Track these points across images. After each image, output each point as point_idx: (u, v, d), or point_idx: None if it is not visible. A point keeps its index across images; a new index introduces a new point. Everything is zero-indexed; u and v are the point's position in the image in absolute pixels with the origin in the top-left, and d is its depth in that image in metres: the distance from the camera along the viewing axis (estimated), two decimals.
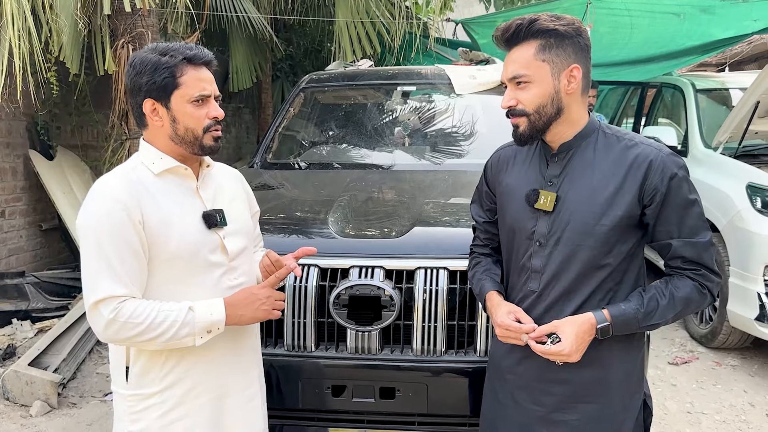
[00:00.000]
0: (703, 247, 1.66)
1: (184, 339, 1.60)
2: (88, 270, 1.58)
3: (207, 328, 1.63)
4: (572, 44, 1.62)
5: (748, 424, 3.67)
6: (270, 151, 3.86)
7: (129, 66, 1.68)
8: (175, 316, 1.59)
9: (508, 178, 1.82)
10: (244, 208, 1.90)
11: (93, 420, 3.63)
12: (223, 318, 1.64)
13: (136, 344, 1.61)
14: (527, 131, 1.67)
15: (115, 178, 1.66)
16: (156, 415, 1.69)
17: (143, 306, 1.57)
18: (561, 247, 1.68)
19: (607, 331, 1.63)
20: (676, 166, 1.63)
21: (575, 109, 1.67)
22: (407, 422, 2.32)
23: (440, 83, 4.04)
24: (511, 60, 1.66)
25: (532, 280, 1.74)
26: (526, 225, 1.73)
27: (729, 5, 5.71)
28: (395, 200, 2.98)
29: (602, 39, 6.27)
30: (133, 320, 1.55)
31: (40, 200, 5.66)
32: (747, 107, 4.58)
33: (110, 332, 1.57)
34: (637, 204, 1.63)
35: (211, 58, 1.71)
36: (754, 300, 4.07)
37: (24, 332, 4.67)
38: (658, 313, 1.64)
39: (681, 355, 4.60)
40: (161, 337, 1.58)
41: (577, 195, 1.66)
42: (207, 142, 1.69)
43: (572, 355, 1.62)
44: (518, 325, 1.67)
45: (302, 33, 8.71)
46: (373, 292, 2.26)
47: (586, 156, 1.69)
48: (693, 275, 1.67)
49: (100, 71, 4.77)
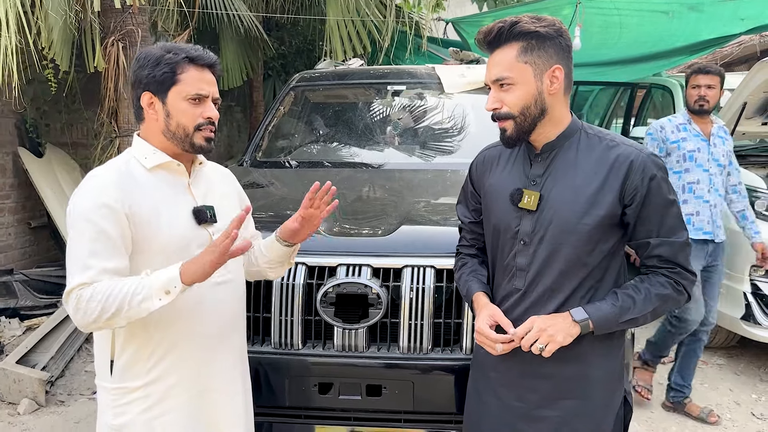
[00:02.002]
0: (679, 247, 1.69)
1: (143, 304, 1.53)
2: (68, 259, 1.60)
3: (164, 287, 1.53)
4: (554, 45, 1.65)
5: (733, 422, 3.71)
6: (260, 149, 3.86)
7: (135, 60, 1.73)
8: (130, 285, 1.53)
9: (492, 178, 1.84)
10: (235, 206, 1.91)
11: (81, 418, 3.62)
12: (177, 273, 1.54)
13: (108, 324, 1.56)
14: (515, 134, 1.69)
15: (106, 170, 1.68)
16: (139, 410, 1.69)
17: (102, 285, 1.54)
18: (544, 246, 1.70)
19: (587, 325, 1.65)
20: (656, 167, 1.66)
21: (558, 109, 1.70)
22: (394, 419, 2.33)
23: (430, 82, 4.05)
24: (494, 62, 1.68)
25: (517, 278, 1.76)
26: (510, 224, 1.75)
27: (717, 3, 5.75)
28: (384, 199, 2.99)
29: (592, 38, 6.30)
30: (93, 300, 1.52)
31: (29, 198, 5.64)
32: (734, 108, 4.62)
33: (79, 318, 1.55)
34: (618, 203, 1.66)
35: (215, 61, 1.74)
36: (741, 300, 4.11)
37: (12, 330, 4.65)
38: (635, 309, 1.67)
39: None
40: (123, 309, 1.52)
41: (560, 194, 1.69)
42: (197, 141, 1.71)
43: (547, 330, 1.63)
44: (495, 336, 1.70)
45: (294, 32, 8.70)
46: (360, 290, 2.26)
47: (568, 156, 1.71)
48: (669, 273, 1.70)
49: (91, 69, 4.75)
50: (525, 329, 1.66)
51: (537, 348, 1.64)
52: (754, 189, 4.26)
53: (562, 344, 1.64)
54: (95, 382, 1.78)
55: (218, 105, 1.76)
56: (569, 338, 1.65)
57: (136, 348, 1.68)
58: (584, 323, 1.65)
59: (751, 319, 4.06)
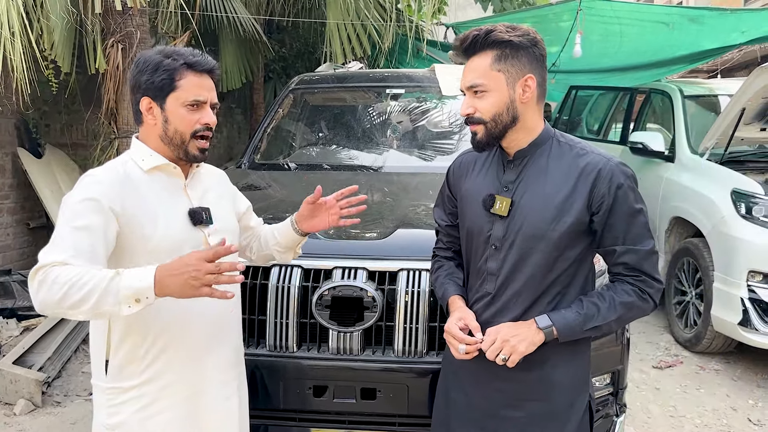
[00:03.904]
0: (644, 255, 1.70)
1: (108, 308, 1.44)
2: (50, 242, 1.56)
3: (134, 296, 1.44)
4: (527, 54, 1.67)
5: (729, 427, 3.70)
6: (258, 151, 3.87)
7: (134, 64, 1.73)
8: (98, 281, 1.43)
9: (468, 183, 1.86)
10: (230, 207, 1.93)
11: (77, 419, 3.63)
12: (150, 286, 1.43)
13: (66, 312, 1.48)
14: (484, 138, 1.72)
15: (102, 170, 1.70)
16: (133, 410, 1.70)
17: (70, 269, 1.46)
18: (514, 251, 1.72)
19: (551, 332, 1.68)
20: (623, 176, 1.68)
21: (530, 117, 1.72)
22: (388, 423, 2.33)
23: (428, 85, 4.06)
24: (469, 69, 1.71)
25: (487, 282, 1.78)
26: (483, 228, 1.78)
27: (717, 15, 5.77)
28: (380, 202, 3.00)
29: (593, 47, 6.32)
30: (58, 281, 1.43)
31: (28, 198, 5.64)
32: (733, 114, 4.62)
33: (40, 296, 1.45)
34: (586, 211, 1.68)
35: (214, 66, 1.75)
36: (738, 305, 4.10)
37: (9, 330, 4.65)
38: (599, 317, 1.69)
39: (666, 359, 4.63)
40: (85, 303, 1.43)
41: (530, 201, 1.71)
42: (192, 150, 1.72)
43: (510, 341, 1.66)
44: (461, 336, 1.73)
45: (295, 34, 8.72)
46: (356, 293, 2.27)
47: (540, 163, 1.74)
48: (633, 281, 1.71)
49: (92, 70, 4.77)
50: (491, 340, 1.69)
51: (500, 359, 1.67)
52: (752, 195, 4.26)
53: (525, 353, 1.67)
54: (91, 381, 1.79)
55: (216, 110, 1.77)
56: (532, 347, 1.68)
57: (131, 347, 1.69)
58: (548, 330, 1.68)
59: (749, 325, 4.05)
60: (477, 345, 1.71)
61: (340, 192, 1.99)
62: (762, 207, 4.18)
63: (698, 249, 4.62)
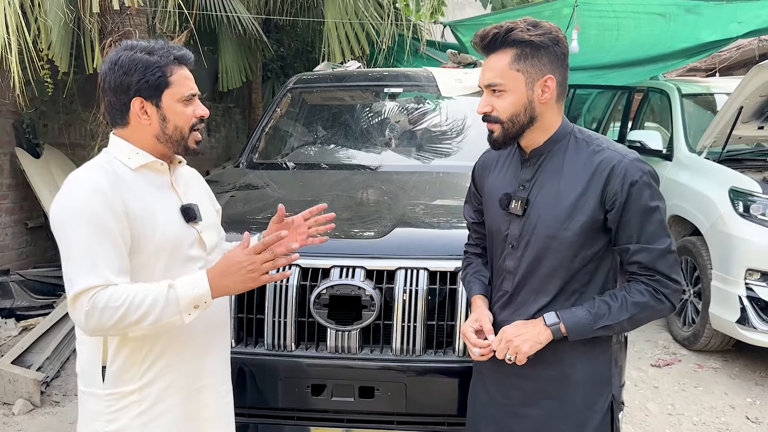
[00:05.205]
0: (659, 254, 1.65)
1: (172, 319, 1.54)
2: (68, 262, 1.55)
3: (193, 303, 1.55)
4: (548, 54, 1.63)
5: (727, 425, 3.71)
6: (256, 151, 3.87)
7: (113, 64, 1.65)
8: (155, 295, 1.51)
9: (490, 181, 1.85)
10: (211, 205, 1.92)
11: (76, 419, 3.59)
12: (207, 290, 1.55)
13: (125, 331, 1.54)
14: (500, 138, 1.70)
15: (91, 170, 1.64)
16: (134, 414, 1.67)
17: (120, 289, 1.50)
18: (530, 250, 1.71)
19: (558, 330, 1.66)
20: (639, 172, 1.63)
21: (549, 117, 1.69)
22: (386, 421, 2.34)
23: (427, 85, 4.06)
24: (488, 67, 1.68)
25: (506, 281, 1.78)
26: (501, 227, 1.77)
27: (713, 5, 5.74)
28: (378, 201, 3.00)
29: (590, 41, 6.30)
30: (111, 305, 1.48)
31: (26, 198, 5.64)
32: (731, 112, 4.62)
33: (92, 323, 1.50)
34: (600, 209, 1.65)
35: (192, 57, 1.74)
36: (736, 303, 4.11)
37: (8, 330, 4.65)
38: (609, 316, 1.65)
39: (664, 357, 4.63)
40: (146, 319, 1.50)
41: (544, 199, 1.70)
42: (191, 144, 1.71)
43: (513, 341, 1.66)
44: (474, 340, 1.74)
45: (293, 34, 8.72)
46: (354, 291, 2.27)
47: (556, 161, 1.71)
48: (647, 281, 1.67)
49: (90, 69, 4.76)
50: (498, 341, 1.70)
51: (507, 359, 1.68)
52: (750, 193, 4.27)
53: (529, 353, 1.66)
54: (80, 389, 1.74)
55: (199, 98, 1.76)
56: (538, 345, 1.66)
57: (130, 352, 1.66)
58: (555, 327, 1.66)
59: (747, 323, 4.06)
60: (489, 347, 1.71)
61: (309, 211, 1.94)
62: (760, 205, 4.19)
63: (696, 247, 4.62)
